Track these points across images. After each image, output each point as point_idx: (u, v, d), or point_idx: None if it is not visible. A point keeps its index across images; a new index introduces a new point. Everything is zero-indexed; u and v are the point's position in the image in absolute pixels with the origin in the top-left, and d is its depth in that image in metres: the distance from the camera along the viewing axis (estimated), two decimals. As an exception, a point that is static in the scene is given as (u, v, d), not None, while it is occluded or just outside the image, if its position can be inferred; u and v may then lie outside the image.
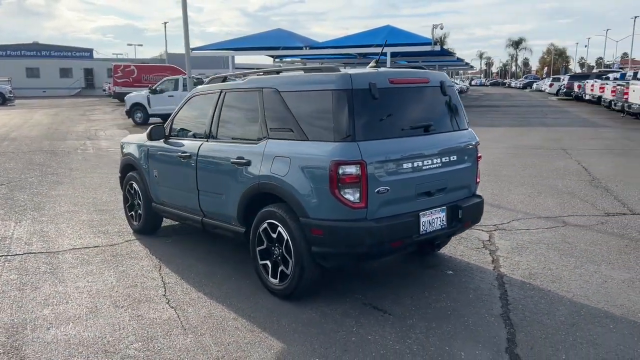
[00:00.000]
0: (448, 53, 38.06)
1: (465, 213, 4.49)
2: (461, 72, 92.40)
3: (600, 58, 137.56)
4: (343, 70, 4.19)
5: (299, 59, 39.33)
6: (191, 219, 5.41)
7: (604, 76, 33.57)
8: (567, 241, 5.81)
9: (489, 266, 5.08)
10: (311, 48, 27.26)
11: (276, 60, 42.19)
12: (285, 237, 4.19)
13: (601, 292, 4.43)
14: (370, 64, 4.67)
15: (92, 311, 4.23)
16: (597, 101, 26.49)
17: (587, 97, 28.19)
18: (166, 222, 6.54)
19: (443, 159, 4.35)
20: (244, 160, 4.54)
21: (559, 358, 3.40)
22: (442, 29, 24.84)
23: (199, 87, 5.57)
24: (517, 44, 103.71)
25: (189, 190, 5.26)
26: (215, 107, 5.10)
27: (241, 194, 4.58)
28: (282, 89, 4.43)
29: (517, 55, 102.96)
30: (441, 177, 4.34)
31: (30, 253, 5.72)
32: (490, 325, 3.87)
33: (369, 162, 3.86)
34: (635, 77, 26.72)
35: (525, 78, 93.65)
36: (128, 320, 4.05)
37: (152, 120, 22.10)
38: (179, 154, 5.34)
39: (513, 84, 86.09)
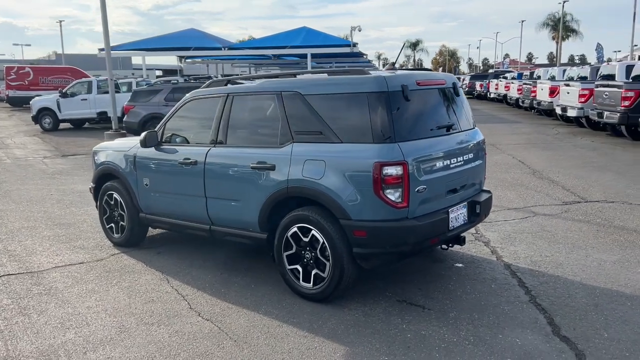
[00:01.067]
0: (360, 54, 39.11)
1: (482, 208, 4.72)
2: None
3: (487, 59, 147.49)
4: (373, 73, 4.25)
5: (210, 59, 38.62)
6: (194, 228, 5.22)
7: (501, 76, 36.10)
8: (546, 230, 6.26)
9: (492, 257, 5.37)
10: (230, 49, 26.99)
11: (186, 60, 41.22)
12: (321, 240, 4.18)
13: (602, 273, 4.84)
14: (387, 66, 4.77)
15: (123, 331, 3.99)
16: (502, 99, 28.43)
17: (492, 96, 30.18)
18: (149, 232, 6.23)
19: (464, 157, 4.55)
20: (267, 165, 4.47)
21: (602, 336, 3.69)
22: (360, 30, 25.52)
23: (196, 91, 5.38)
24: (414, 45, 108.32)
25: (194, 198, 5.08)
26: (222, 112, 4.95)
27: (265, 199, 4.51)
28: (306, 92, 4.41)
29: (414, 56, 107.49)
30: (463, 174, 4.54)
31: (9, 274, 5.25)
32: (525, 311, 4.11)
33: (409, 162, 3.96)
34: (532, 76, 29.01)
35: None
36: (168, 337, 3.87)
37: (62, 126, 20.77)
38: (180, 160, 5.12)
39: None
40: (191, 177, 5.07)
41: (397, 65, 5.04)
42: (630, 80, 13.12)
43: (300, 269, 4.40)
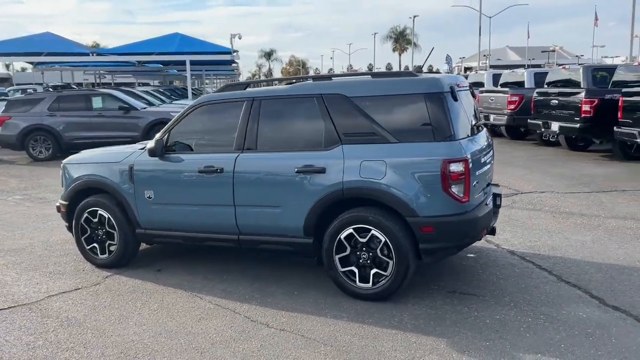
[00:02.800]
0: (233, 62, 38.73)
1: (500, 200, 5.13)
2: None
3: (332, 69, 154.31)
4: (424, 75, 4.44)
5: (65, 66, 35.66)
6: (217, 240, 4.96)
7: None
8: (512, 219, 6.91)
9: (491, 246, 5.82)
10: (99, 54, 25.12)
11: (37, 66, 37.81)
12: (383, 239, 4.26)
13: (591, 251, 5.52)
14: (414, 69, 4.97)
15: (203, 352, 3.71)
16: None
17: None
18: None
19: (490, 154, 4.92)
20: (316, 168, 4.43)
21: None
22: (240, 38, 25.35)
23: (208, 96, 5.13)
24: (269, 54, 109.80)
25: (219, 207, 4.83)
26: (249, 117, 4.78)
27: (313, 203, 4.46)
28: (352, 94, 4.46)
29: (270, 65, 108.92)
30: (490, 170, 4.92)
31: (1, 309, 4.53)
32: (563, 289, 4.58)
33: (469, 158, 4.22)
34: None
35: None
36: (258, 351, 3.68)
37: None
38: (201, 168, 4.84)
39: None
40: (215, 186, 4.81)
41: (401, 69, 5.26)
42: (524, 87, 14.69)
43: (355, 270, 4.41)
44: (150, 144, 5.00)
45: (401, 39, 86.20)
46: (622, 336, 3.71)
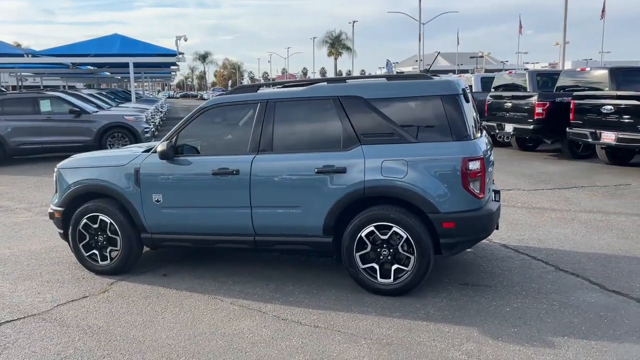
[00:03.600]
0: (174, 64, 37.93)
1: (499, 196, 5.44)
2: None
3: (266, 72, 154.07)
4: (438, 77, 4.66)
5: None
6: (231, 242, 4.97)
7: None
8: (493, 215, 7.27)
9: (485, 240, 6.11)
10: (34, 56, 23.97)
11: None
12: (404, 236, 4.43)
13: (576, 243, 5.94)
14: (421, 72, 5.19)
15: (247, 351, 3.72)
16: None
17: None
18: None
19: (491, 152, 5.21)
20: (336, 168, 4.55)
21: (636, 286, 4.66)
22: (186, 40, 24.92)
23: (218, 98, 5.12)
24: (204, 57, 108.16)
25: (235, 209, 4.85)
26: (263, 119, 4.83)
27: (333, 203, 4.57)
28: (369, 96, 4.62)
29: (204, 68, 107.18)
30: (493, 168, 5.20)
31: (10, 321, 4.35)
32: (564, 278, 4.91)
33: (483, 157, 4.47)
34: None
35: (214, 91, 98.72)
36: (312, 348, 3.74)
37: None
38: (215, 170, 4.84)
39: (206, 96, 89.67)
40: (231, 188, 4.83)
41: (400, 72, 5.47)
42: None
43: (376, 266, 4.56)
44: (161, 146, 4.93)
45: (337, 44, 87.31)
46: (632, 317, 4.06)
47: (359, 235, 4.53)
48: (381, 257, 4.54)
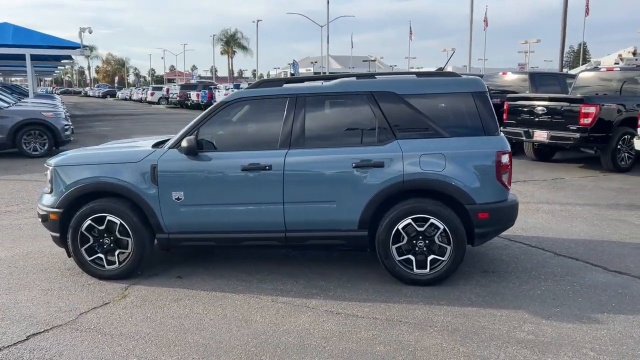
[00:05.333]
0: (70, 57, 35.35)
1: None
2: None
3: (153, 69, 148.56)
4: (466, 76, 4.90)
5: None
6: (260, 239, 4.86)
7: (212, 86, 37.82)
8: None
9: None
10: None
11: None
12: (441, 227, 4.61)
13: (557, 229, 6.49)
14: (436, 70, 5.40)
15: (318, 345, 3.70)
16: None
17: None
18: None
19: None
20: (374, 162, 4.63)
21: (631, 266, 5.21)
22: (90, 32, 23.40)
23: (241, 92, 4.97)
24: (90, 50, 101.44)
25: (266, 205, 4.75)
26: (294, 114, 4.78)
27: (371, 197, 4.64)
28: (403, 92, 4.75)
29: (89, 62, 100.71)
30: None
31: (37, 333, 3.96)
32: (570, 262, 5.35)
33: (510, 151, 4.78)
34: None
35: (98, 87, 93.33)
36: (367, 343, 3.79)
37: None
38: (245, 166, 4.71)
39: (91, 93, 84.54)
40: (262, 184, 4.72)
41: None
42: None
43: (412, 258, 4.70)
44: (186, 142, 4.69)
45: (232, 42, 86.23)
46: (646, 292, 4.56)
47: (395, 228, 4.63)
48: (417, 249, 4.67)
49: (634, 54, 25.39)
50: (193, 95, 36.63)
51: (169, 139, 5.25)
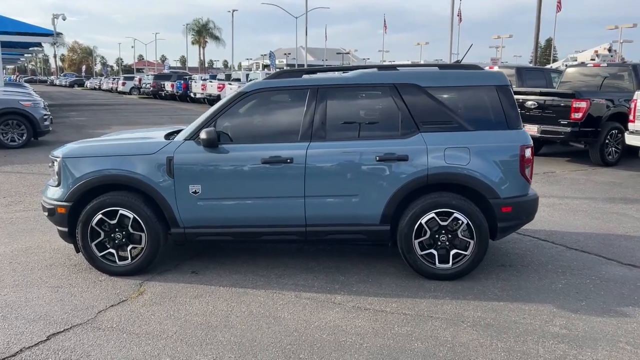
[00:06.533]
0: (40, 45, 34.25)
1: None
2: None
3: (121, 59, 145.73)
4: (487, 69, 4.86)
5: None
6: (279, 233, 4.75)
7: (186, 77, 37.16)
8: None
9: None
10: None
11: None
12: (465, 221, 4.58)
13: (561, 222, 6.55)
14: (454, 62, 5.35)
15: (365, 344, 3.63)
16: (213, 100, 28.27)
17: (198, 96, 30.69)
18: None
19: None
20: (398, 156, 4.56)
21: (642, 259, 5.30)
22: (64, 19, 22.68)
23: (259, 83, 4.82)
24: (54, 43, 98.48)
25: (286, 199, 4.65)
26: (315, 105, 4.67)
27: (394, 191, 4.58)
28: (426, 84, 4.69)
29: (55, 50, 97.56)
30: None
31: (61, 332, 3.78)
32: (584, 256, 5.38)
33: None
34: (228, 78, 30.99)
35: (65, 76, 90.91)
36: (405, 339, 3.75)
37: None
38: (266, 158, 4.59)
39: (57, 82, 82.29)
40: (283, 177, 4.62)
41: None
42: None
43: (435, 252, 4.66)
44: (205, 134, 4.53)
45: (204, 32, 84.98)
46: (664, 285, 4.62)
47: (418, 222, 4.58)
48: (439, 243, 4.63)
49: (609, 50, 26.05)
50: (167, 86, 35.89)
51: (180, 130, 5.09)
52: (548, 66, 25.91)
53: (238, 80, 28.42)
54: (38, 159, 11.12)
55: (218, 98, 26.88)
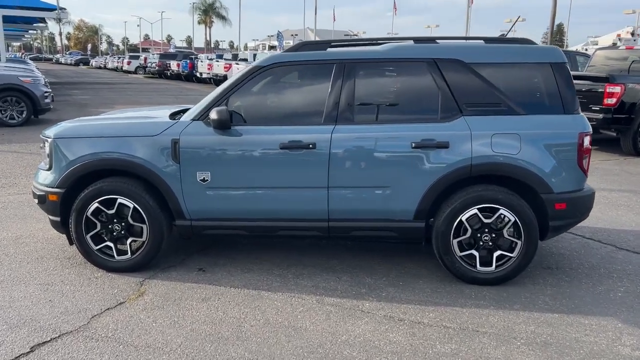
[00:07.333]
0: (43, 20, 33.53)
1: None
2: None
3: (127, 38, 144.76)
4: (540, 44, 4.23)
5: None
6: (297, 228, 4.18)
7: (192, 56, 36.46)
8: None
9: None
10: None
11: None
12: (512, 219, 3.99)
13: (604, 218, 5.96)
14: (499, 36, 4.71)
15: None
16: (220, 80, 27.43)
17: (204, 76, 29.96)
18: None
19: None
20: (437, 142, 3.96)
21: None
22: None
23: (277, 57, 4.22)
24: (59, 19, 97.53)
25: (307, 190, 4.07)
26: (342, 83, 4.07)
27: (432, 182, 3.99)
28: (471, 60, 4.08)
29: (60, 28, 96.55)
30: None
31: (47, 342, 3.24)
32: (636, 258, 4.83)
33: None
34: (235, 58, 30.27)
35: (70, 54, 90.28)
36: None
37: None
38: (285, 143, 4.00)
39: (63, 60, 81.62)
40: (304, 165, 4.03)
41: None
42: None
43: (476, 253, 4.08)
44: (216, 113, 3.94)
45: (211, 12, 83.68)
46: None
47: (458, 219, 4.00)
48: (481, 243, 4.05)
49: (632, 34, 25.16)
50: (173, 65, 35.16)
51: (187, 109, 4.51)
52: (572, 48, 25.04)
53: (245, 60, 27.73)
54: (37, 138, 10.50)
55: (225, 78, 26.21)
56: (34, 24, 33.88)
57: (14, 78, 12.43)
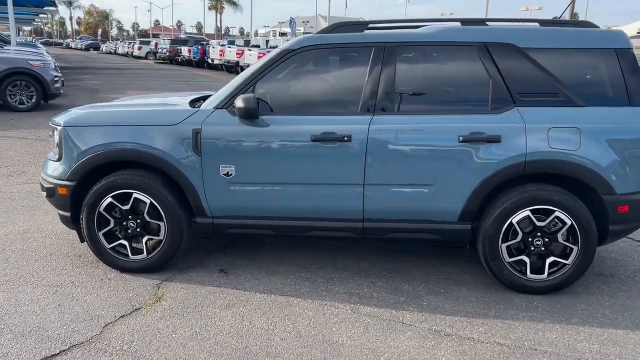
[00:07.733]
0: (53, 4, 33.23)
1: None
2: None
3: (137, 23, 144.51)
4: (603, 27, 3.81)
5: None
6: (326, 228, 3.80)
7: (203, 42, 36.08)
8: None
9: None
10: None
11: None
12: (568, 222, 3.59)
13: None
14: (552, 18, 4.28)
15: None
16: (233, 67, 26.92)
17: (216, 62, 29.49)
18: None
19: None
20: (487, 136, 3.56)
21: None
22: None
23: (309, 38, 3.81)
24: (70, 3, 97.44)
25: (340, 186, 3.69)
26: (381, 68, 3.67)
27: (481, 180, 3.60)
28: (525, 44, 3.66)
29: (71, 13, 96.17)
30: None
31: (55, 355, 2.89)
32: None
33: (653, 126, 3.73)
34: (247, 44, 29.84)
35: (81, 39, 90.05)
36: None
37: None
38: (317, 135, 3.61)
39: (73, 45, 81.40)
40: (338, 159, 3.65)
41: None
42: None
43: (527, 259, 3.69)
44: (243, 101, 3.56)
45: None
46: None
47: (508, 222, 3.60)
48: (532, 248, 3.66)
49: (657, 23, 24.42)
50: (184, 51, 34.75)
51: (207, 96, 4.14)
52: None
53: (257, 46, 27.25)
54: (47, 125, 10.20)
55: (236, 64, 25.82)
56: (45, 7, 33.58)
57: (24, 62, 12.09)
